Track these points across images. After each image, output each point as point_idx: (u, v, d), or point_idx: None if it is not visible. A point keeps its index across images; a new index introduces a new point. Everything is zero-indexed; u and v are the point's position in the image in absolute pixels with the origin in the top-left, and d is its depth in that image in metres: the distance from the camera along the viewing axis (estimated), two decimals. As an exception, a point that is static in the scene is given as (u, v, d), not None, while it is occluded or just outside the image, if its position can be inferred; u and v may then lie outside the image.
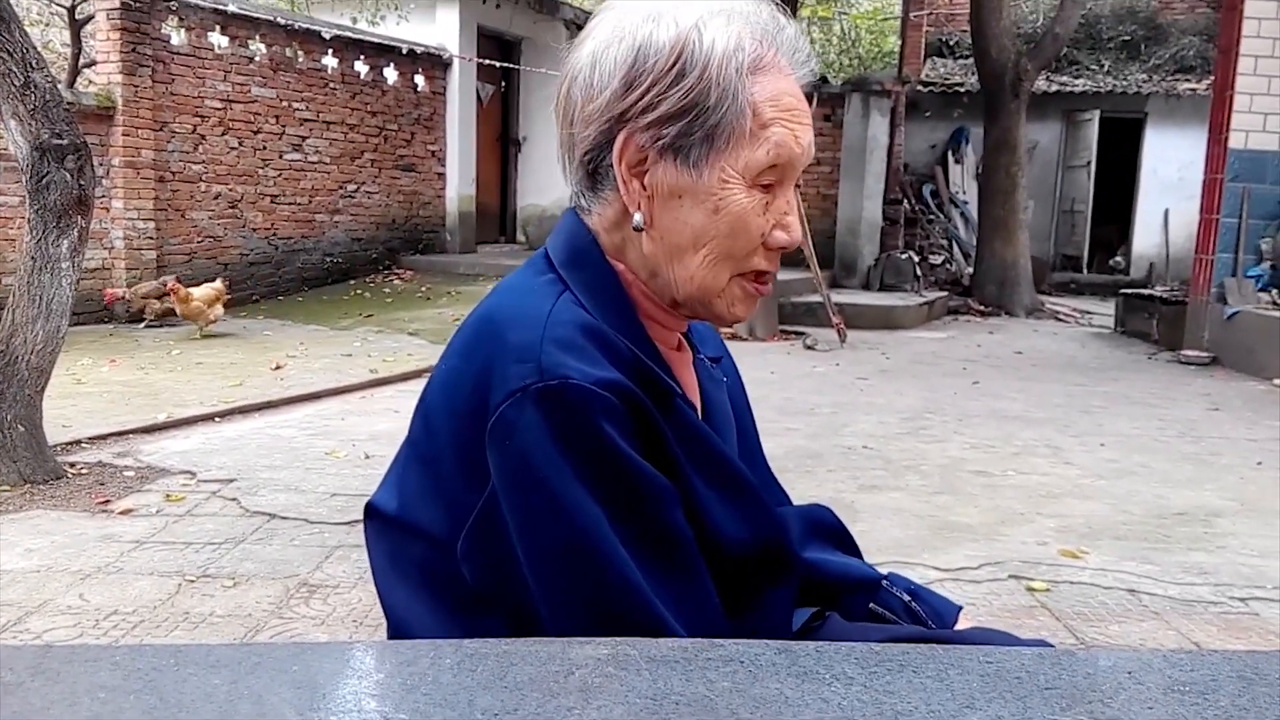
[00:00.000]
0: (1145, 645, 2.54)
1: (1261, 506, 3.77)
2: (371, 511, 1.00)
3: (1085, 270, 13.47)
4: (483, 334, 0.91)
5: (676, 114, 0.88)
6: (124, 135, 7.60)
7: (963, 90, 13.15)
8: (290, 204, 9.25)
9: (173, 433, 4.60)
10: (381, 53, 9.85)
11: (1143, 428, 5.10)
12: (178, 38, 7.84)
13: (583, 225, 0.97)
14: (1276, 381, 6.29)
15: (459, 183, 11.13)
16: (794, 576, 1.01)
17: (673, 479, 0.87)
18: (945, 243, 12.45)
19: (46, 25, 10.99)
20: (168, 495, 3.67)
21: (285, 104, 9.06)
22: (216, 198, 8.49)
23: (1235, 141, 7.02)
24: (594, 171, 0.94)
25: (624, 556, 0.82)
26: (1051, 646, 0.82)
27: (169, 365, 6.09)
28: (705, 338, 1.08)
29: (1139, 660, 0.63)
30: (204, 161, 8.35)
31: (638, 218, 0.91)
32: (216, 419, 4.86)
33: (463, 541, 0.88)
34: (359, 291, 9.34)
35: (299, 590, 2.82)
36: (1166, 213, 12.88)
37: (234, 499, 3.64)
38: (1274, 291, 6.95)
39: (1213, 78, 7.60)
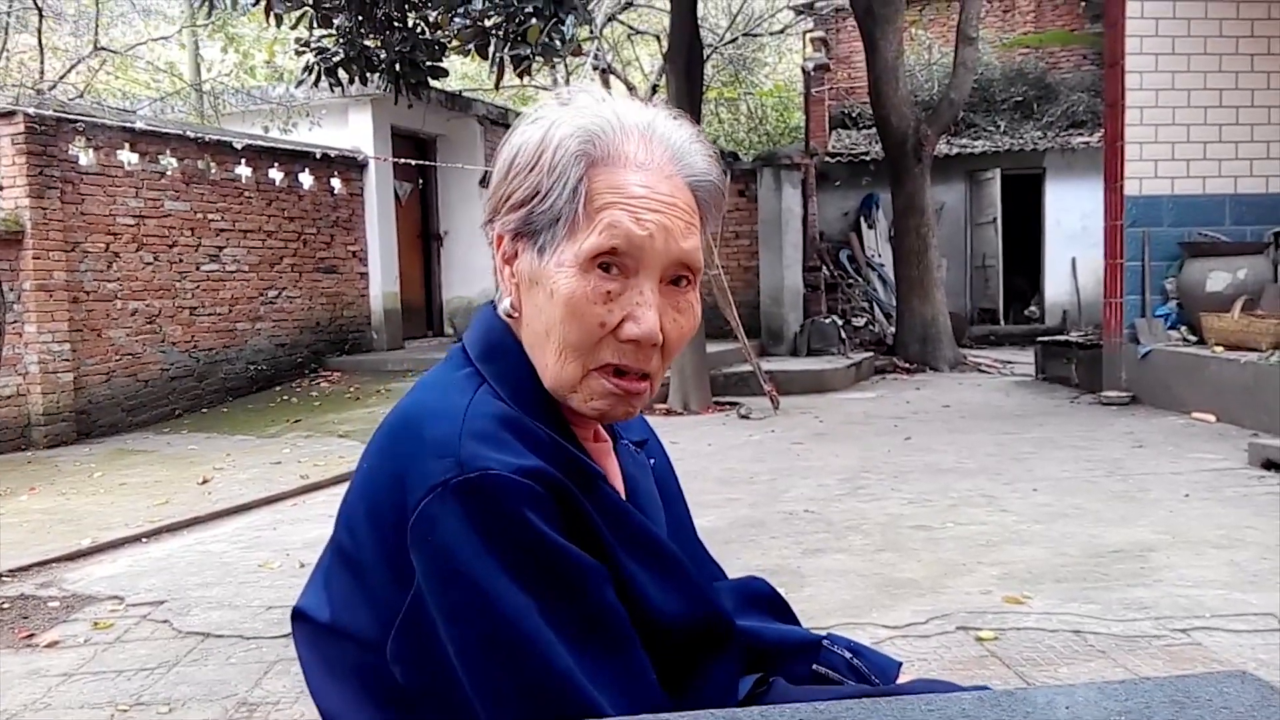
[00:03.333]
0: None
1: (1192, 538, 3.86)
2: (299, 616, 0.98)
3: (1002, 322, 13.85)
4: (400, 432, 0.91)
5: (524, 201, 0.92)
6: (34, 258, 7.45)
7: (869, 158, 13.59)
8: (210, 315, 9.12)
9: (98, 558, 4.44)
10: (295, 159, 9.87)
11: (1072, 470, 5.21)
12: (86, 158, 7.77)
13: (498, 319, 0.99)
14: (1194, 415, 6.48)
15: (382, 280, 11.11)
16: (733, 646, 1.01)
17: (601, 559, 0.87)
18: (866, 305, 12.73)
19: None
20: (95, 623, 3.52)
21: (200, 216, 8.99)
22: (134, 314, 8.34)
23: (1130, 189, 7.33)
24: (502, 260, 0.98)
25: (554, 644, 0.81)
26: (988, 690, 0.82)
27: (91, 489, 5.90)
28: (629, 423, 1.07)
29: (1075, 695, 0.64)
30: (119, 279, 8.22)
31: (505, 303, 0.96)
32: (143, 540, 4.71)
33: (392, 642, 0.87)
34: (285, 397, 9.19)
35: (238, 711, 2.72)
36: (1074, 261, 13.34)
37: (165, 621, 3.51)
38: (1183, 328, 7.21)
39: (1103, 130, 7.96)
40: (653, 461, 1.12)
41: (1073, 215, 13.11)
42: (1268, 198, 7.28)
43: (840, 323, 10.92)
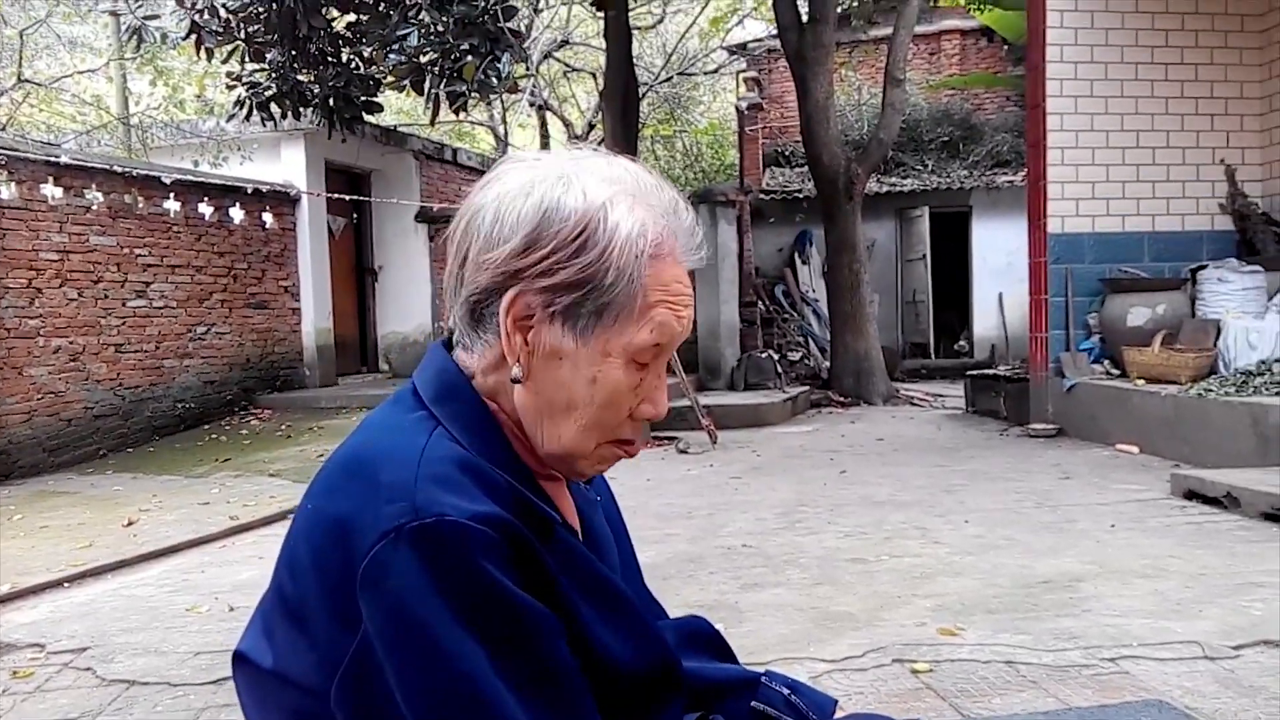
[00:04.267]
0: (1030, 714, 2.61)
1: (1118, 568, 3.95)
2: (240, 659, 0.96)
3: (933, 355, 14.13)
4: (349, 474, 0.89)
5: (571, 285, 0.89)
6: (-49, 294, 7.23)
7: (802, 196, 13.83)
8: (136, 351, 8.91)
9: (17, 604, 4.28)
10: (226, 193, 9.72)
11: (1002, 501, 5.31)
12: (7, 192, 7.57)
13: (451, 361, 0.97)
14: (1119, 446, 6.66)
15: (315, 316, 10.96)
16: (681, 692, 1.02)
17: (556, 607, 0.87)
18: (802, 339, 12.89)
19: None
20: (14, 672, 3.39)
21: (127, 251, 8.81)
22: (56, 351, 8.12)
23: (1053, 226, 7.56)
24: (478, 314, 0.94)
25: (504, 696, 0.81)
26: (921, 722, 0.84)
27: (10, 531, 5.70)
28: None
29: (1001, 725, 0.66)
30: (41, 315, 7.99)
31: (516, 370, 0.92)
32: (65, 584, 4.55)
33: (336, 689, 0.85)
34: (214, 436, 8.99)
35: (164, 761, 2.63)
36: (1000, 296, 13.68)
37: (88, 668, 3.39)
38: (1106, 362, 7.42)
39: (1027, 170, 8.20)
40: (599, 499, 1.12)
41: (999, 252, 13.46)
42: (1184, 235, 7.56)
43: (776, 357, 11.04)
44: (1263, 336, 6.41)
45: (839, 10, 11.73)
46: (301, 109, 9.27)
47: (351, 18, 9.06)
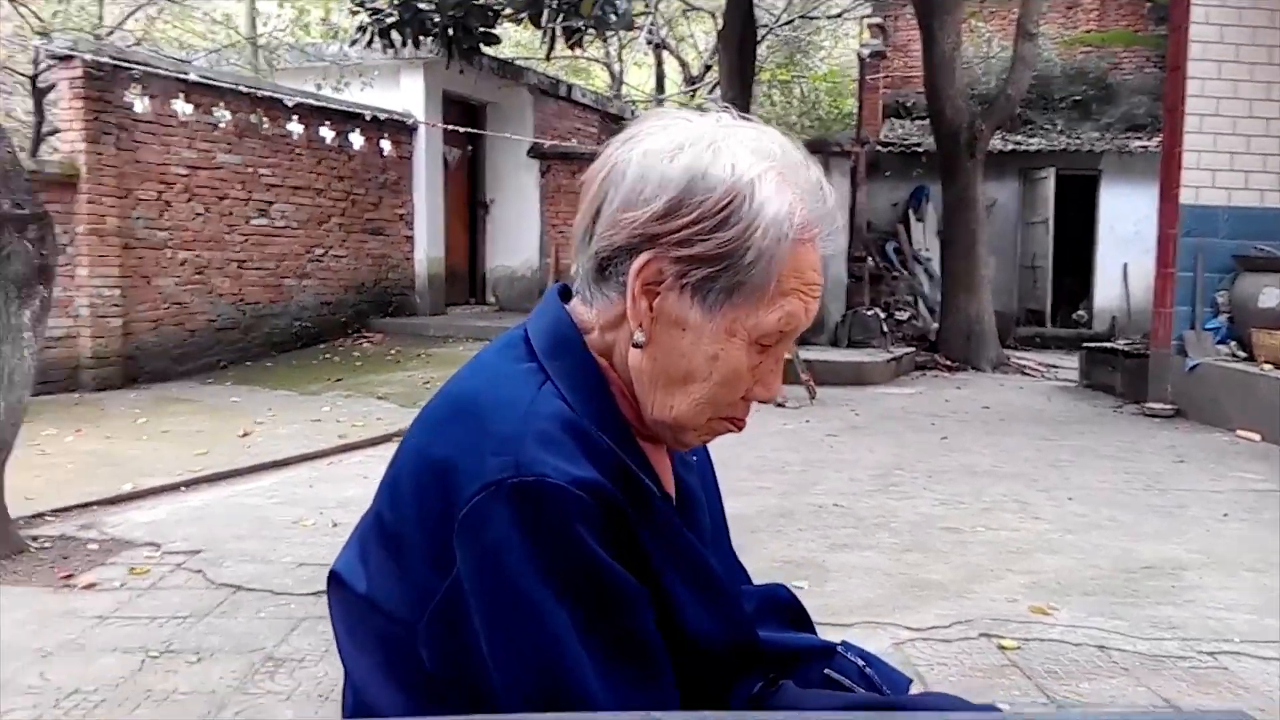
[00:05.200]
0: (1115, 702, 2.55)
1: (1227, 559, 3.81)
2: (335, 579, 1.00)
3: (1049, 324, 13.67)
4: (458, 417, 0.91)
5: (709, 259, 0.88)
6: (88, 203, 7.57)
7: (921, 150, 13.41)
8: (257, 269, 9.23)
9: (138, 503, 4.54)
10: (347, 119, 9.92)
11: (1109, 481, 5.15)
12: (141, 106, 7.86)
13: (566, 313, 0.97)
14: (1240, 432, 6.38)
15: (427, 245, 11.17)
16: (759, 668, 1.02)
17: (645, 579, 0.88)
18: (911, 299, 12.61)
19: (9, 94, 10.98)
20: (132, 569, 3.60)
21: (251, 170, 9.08)
22: (183, 264, 8.46)
23: (1186, 197, 7.20)
24: (605, 270, 0.93)
25: (585, 664, 0.82)
26: (998, 711, 0.83)
27: (134, 434, 6.02)
28: None
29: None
30: (169, 228, 8.33)
31: (639, 335, 0.91)
32: (182, 488, 4.80)
33: (424, 626, 0.88)
34: (328, 356, 9.29)
35: (264, 665, 2.77)
36: (1125, 266, 13.13)
37: (199, 571, 3.58)
38: (1233, 343, 7.08)
39: (1162, 136, 7.81)
40: (695, 459, 1.12)
41: (1127, 220, 12.88)
42: (1329, 214, 7.13)
43: (883, 316, 10.84)
44: None
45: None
46: (421, 37, 9.35)
47: (476, -52, 9.07)
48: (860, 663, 1.16)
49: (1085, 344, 9.73)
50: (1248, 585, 3.50)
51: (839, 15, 19.13)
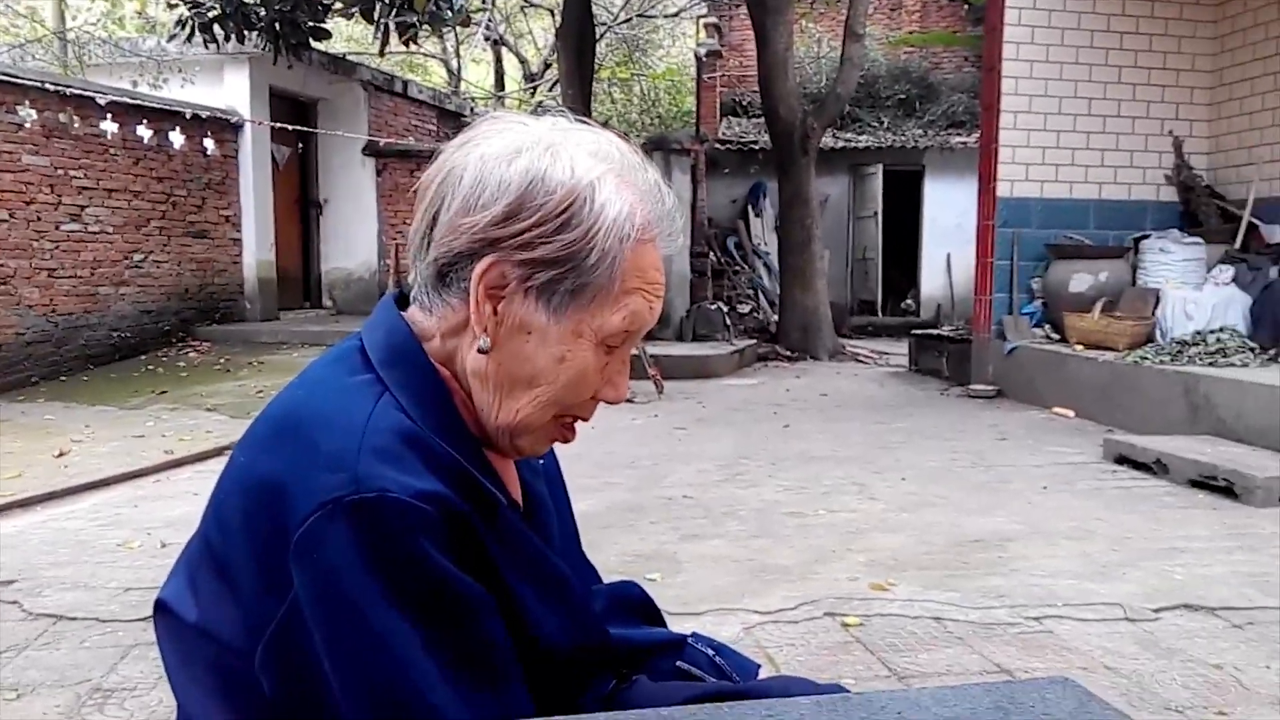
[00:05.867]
0: (951, 671, 2.67)
1: (1048, 529, 4.05)
2: (161, 608, 0.94)
3: (880, 313, 14.26)
4: (288, 433, 0.86)
5: (551, 261, 0.87)
6: (-127, 209, 6.94)
7: (757, 147, 13.77)
8: (70, 277, 8.66)
9: (-62, 534, 4.18)
10: (166, 117, 9.41)
11: (938, 460, 5.40)
12: (-66, 104, 7.26)
13: (403, 322, 0.94)
14: (1055, 409, 6.80)
15: (256, 248, 10.73)
16: (611, 669, 1.02)
17: (493, 587, 0.86)
18: (751, 292, 12.92)
19: None
20: (-66, 604, 3.32)
21: (61, 172, 8.51)
22: (-15, 274, 7.86)
23: (1002, 190, 7.62)
24: (445, 277, 0.91)
25: (434, 680, 0.80)
26: (844, 691, 0.85)
27: (-67, 459, 5.55)
28: None
29: (908, 700, 0.66)
30: (-31, 235, 7.72)
31: (484, 341, 0.89)
32: (-9, 515, 4.45)
33: (262, 652, 0.83)
34: (151, 367, 8.81)
35: (92, 696, 2.60)
36: (949, 257, 13.82)
37: (15, 602, 3.32)
38: (1047, 327, 7.55)
39: (979, 132, 8.25)
40: (542, 462, 1.10)
41: (949, 213, 13.56)
42: (1130, 204, 7.68)
43: (725, 309, 11.06)
44: (1199, 307, 6.55)
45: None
46: (246, 32, 8.98)
47: (302, -60, 8.77)
48: (710, 652, 1.17)
49: (913, 331, 10.19)
50: (1068, 553, 3.73)
51: (676, 14, 19.45)
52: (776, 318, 11.67)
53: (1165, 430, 5.61)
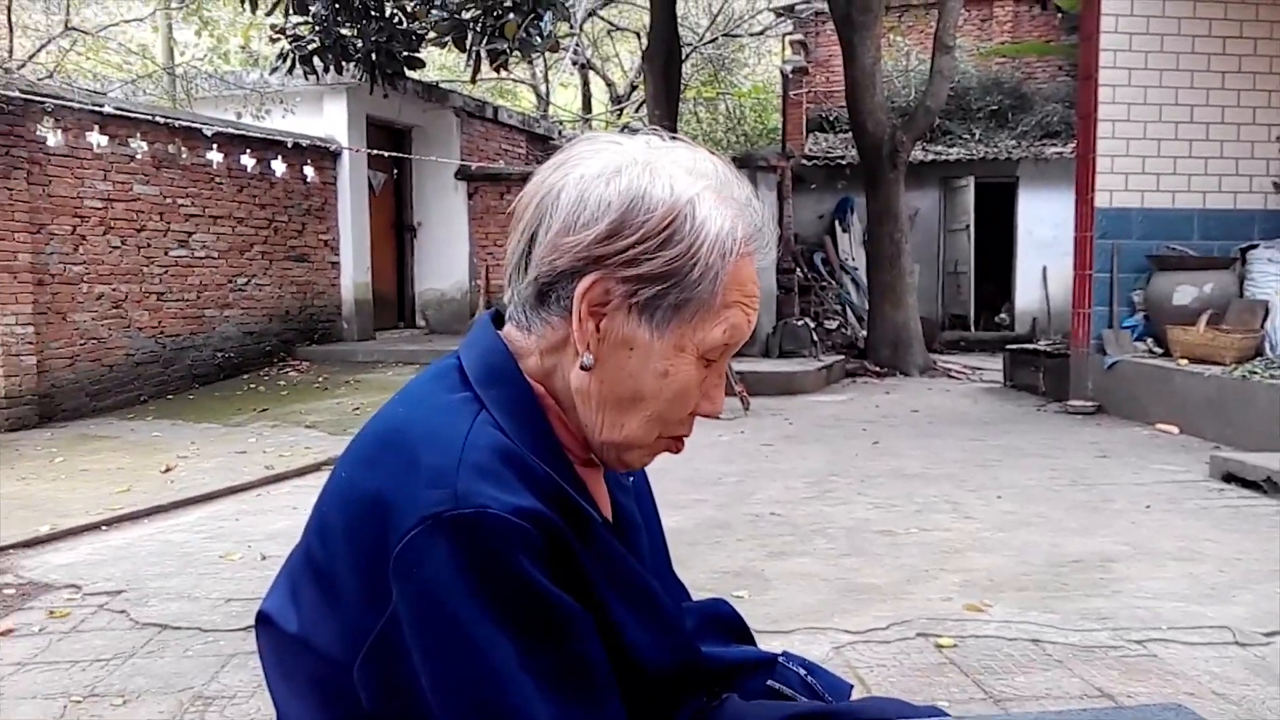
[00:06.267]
0: (1050, 695, 2.59)
1: (1152, 549, 3.90)
2: (264, 619, 0.97)
3: (973, 328, 13.95)
4: (390, 449, 0.88)
5: (656, 277, 0.89)
6: (-2, 239, 7.34)
7: (845, 162, 13.63)
8: (178, 300, 9.02)
9: (56, 545, 4.38)
10: (268, 146, 9.76)
11: (1036, 478, 5.25)
12: (54, 139, 7.65)
13: (500, 340, 0.95)
14: (1158, 426, 6.56)
15: (353, 271, 11.04)
16: (703, 688, 1.02)
17: (589, 605, 0.87)
18: (839, 308, 12.78)
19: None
20: (51, 612, 3.47)
21: (170, 200, 8.89)
22: (99, 298, 8.23)
23: (1101, 200, 7.40)
24: (545, 295, 0.92)
25: (532, 697, 0.80)
26: (941, 714, 0.83)
27: (52, 474, 5.82)
28: None
29: None
30: (85, 262, 8.10)
31: (588, 359, 0.90)
32: (103, 527, 4.65)
33: (360, 665, 0.85)
34: (253, 386, 9.10)
35: (194, 704, 2.69)
36: (1044, 269, 13.46)
37: (123, 611, 3.46)
38: (1149, 340, 7.29)
39: (1076, 142, 8.03)
40: (631, 479, 1.11)
41: (1045, 225, 13.22)
42: (1235, 213, 7.38)
43: (812, 325, 10.95)
44: (1312, 319, 6.26)
45: (889, -27, 11.49)
46: (344, 63, 9.26)
47: (395, -29, 9.02)
48: (802, 672, 1.16)
49: (1008, 346, 9.94)
50: (1173, 574, 3.59)
51: (761, 33, 19.43)
52: (865, 333, 11.51)
53: (1276, 447, 5.36)
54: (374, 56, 9.18)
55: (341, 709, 0.88)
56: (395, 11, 9.23)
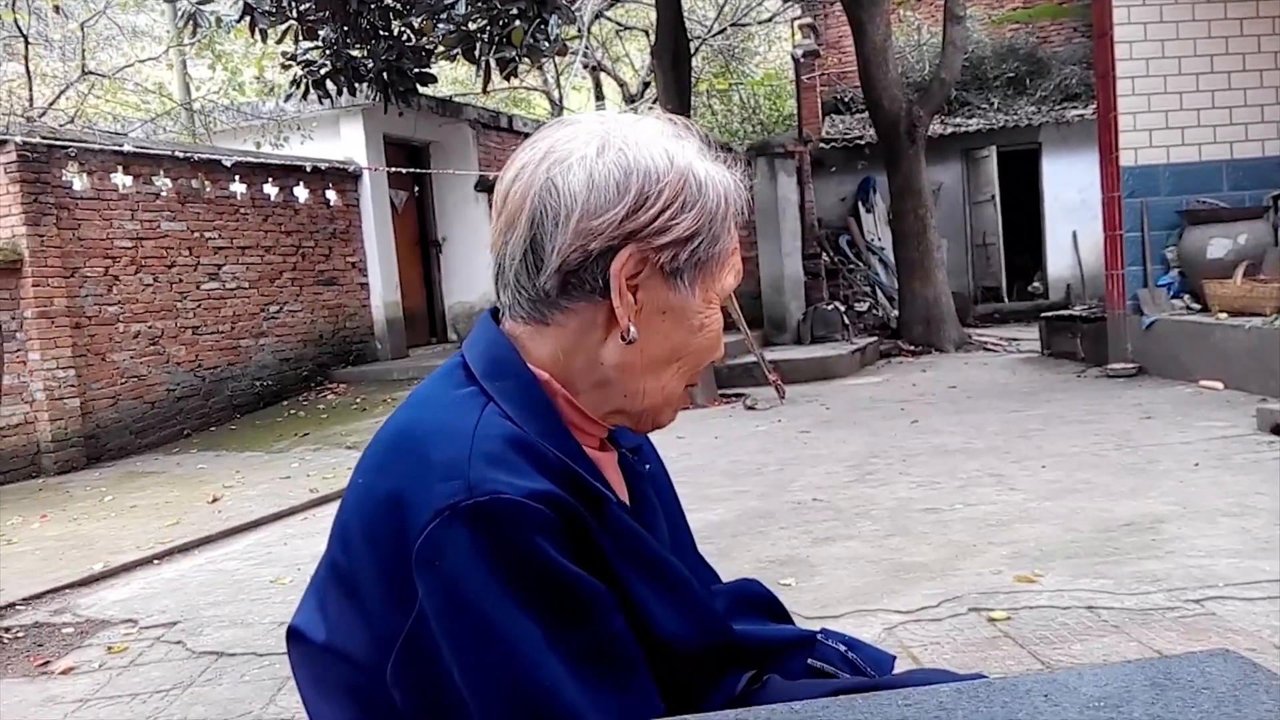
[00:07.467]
0: (1109, 660, 2.55)
1: (1203, 507, 3.84)
2: (294, 635, 0.97)
3: (1006, 299, 13.81)
4: (400, 450, 0.89)
5: (684, 240, 0.92)
6: (34, 286, 7.47)
7: (863, 142, 13.55)
8: (213, 333, 9.14)
9: (110, 582, 4.45)
10: (289, 173, 9.87)
11: (1080, 445, 5.19)
12: (80, 183, 7.78)
13: (501, 334, 0.96)
14: (1202, 382, 6.46)
15: (383, 290, 11.12)
16: (736, 665, 1.02)
17: (611, 584, 0.87)
18: (868, 289, 12.70)
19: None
20: (109, 648, 3.53)
21: (197, 235, 9.00)
22: (136, 336, 8.36)
23: (1126, 159, 7.29)
24: (570, 281, 0.91)
25: (561, 674, 0.81)
26: (984, 678, 0.82)
27: (102, 513, 5.91)
28: (619, 430, 1.06)
29: (1055, 682, 0.63)
30: (120, 302, 8.23)
31: (633, 331, 0.93)
32: (155, 561, 4.72)
33: (392, 666, 0.85)
34: (292, 411, 9.20)
35: (253, 728, 2.72)
36: (1075, 234, 13.30)
37: (179, 642, 3.51)
38: (1186, 296, 7.17)
39: (1096, 102, 7.92)
40: (648, 467, 1.11)
41: (1071, 189, 13.06)
42: (1264, 161, 7.24)
43: (843, 309, 10.90)
44: (1353, 262, 6.13)
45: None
46: (356, 84, 9.32)
47: (400, -10, 9.06)
48: (842, 648, 1.15)
49: (1043, 314, 9.83)
50: (1226, 530, 3.53)
51: (769, 19, 19.34)
52: (897, 313, 11.43)
53: (1327, 395, 5.27)
54: (386, 76, 9.23)
55: (379, 714, 0.88)
56: (403, 29, 9.29)
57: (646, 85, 19.20)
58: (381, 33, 9.03)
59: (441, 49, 8.99)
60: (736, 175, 0.98)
